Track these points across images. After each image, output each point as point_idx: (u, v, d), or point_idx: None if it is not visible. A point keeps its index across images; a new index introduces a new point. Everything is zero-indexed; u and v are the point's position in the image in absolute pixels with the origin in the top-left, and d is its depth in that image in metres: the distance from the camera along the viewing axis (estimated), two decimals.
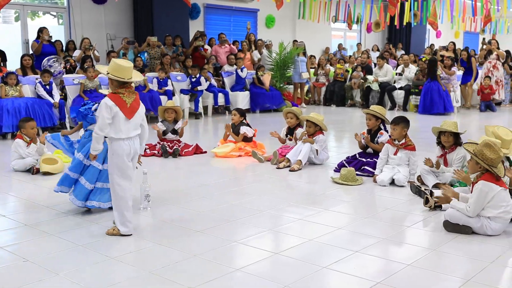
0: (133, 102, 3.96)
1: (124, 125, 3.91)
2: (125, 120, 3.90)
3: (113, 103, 3.87)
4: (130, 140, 3.97)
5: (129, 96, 3.93)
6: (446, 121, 5.52)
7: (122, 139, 3.92)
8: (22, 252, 3.67)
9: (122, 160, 3.94)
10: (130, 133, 3.96)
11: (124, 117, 3.89)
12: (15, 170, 6.24)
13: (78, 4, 12.69)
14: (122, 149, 3.92)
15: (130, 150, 3.96)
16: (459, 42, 23.52)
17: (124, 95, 3.91)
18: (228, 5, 15.74)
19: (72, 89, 10.11)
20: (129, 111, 3.92)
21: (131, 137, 3.97)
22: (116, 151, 3.93)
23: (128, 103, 3.91)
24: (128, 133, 3.94)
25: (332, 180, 5.79)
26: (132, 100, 3.95)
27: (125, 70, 3.92)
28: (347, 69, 15.08)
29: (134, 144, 4.00)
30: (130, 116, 3.92)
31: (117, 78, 3.91)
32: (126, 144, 3.94)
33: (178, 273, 3.33)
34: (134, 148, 4.00)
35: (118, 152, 3.92)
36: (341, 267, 3.42)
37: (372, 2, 16.42)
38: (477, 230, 4.00)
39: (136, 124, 4.01)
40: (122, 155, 3.93)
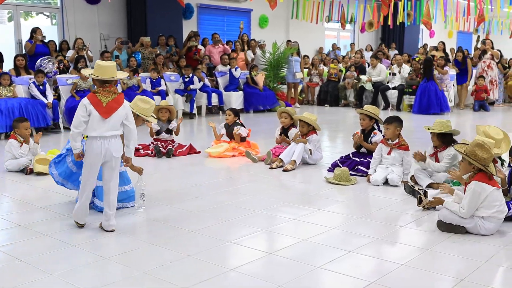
0: (111, 101, 3.97)
1: (98, 124, 3.94)
2: (100, 119, 3.94)
3: (88, 101, 3.94)
4: (104, 140, 3.97)
5: (105, 96, 3.97)
6: (436, 121, 5.52)
7: (95, 138, 3.96)
8: (16, 253, 3.66)
9: (90, 158, 4.00)
10: (104, 132, 3.96)
11: (99, 116, 3.93)
12: (9, 170, 6.22)
13: (72, 4, 12.64)
14: (92, 148, 3.97)
15: (101, 150, 3.97)
16: (453, 42, 23.62)
17: (100, 94, 3.96)
18: (221, 5, 15.74)
19: (66, 89, 10.07)
20: (104, 111, 3.94)
21: (105, 137, 3.97)
22: (87, 148, 4.01)
23: (104, 102, 3.95)
24: (102, 132, 3.96)
25: (326, 180, 5.80)
26: (109, 99, 3.97)
27: (104, 69, 3.98)
28: (340, 69, 15.11)
29: (108, 144, 3.98)
30: (106, 115, 3.94)
31: (95, 76, 3.99)
32: (98, 144, 3.96)
33: (172, 273, 3.33)
34: (107, 148, 3.98)
35: (88, 149, 4.00)
36: (335, 267, 3.43)
37: (366, 2, 16.46)
38: (471, 229, 4.02)
39: (114, 125, 4.00)
40: (90, 153, 3.98)
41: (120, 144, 4.09)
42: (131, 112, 4.17)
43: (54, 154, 6.81)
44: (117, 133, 4.04)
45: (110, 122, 3.97)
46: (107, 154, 3.99)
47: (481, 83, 13.77)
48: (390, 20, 15.26)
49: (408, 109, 13.08)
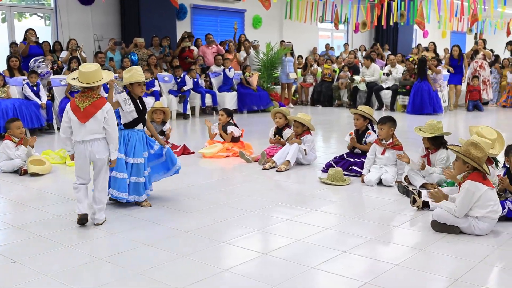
0: (89, 106, 4.09)
1: (78, 129, 4.11)
2: (79, 124, 4.10)
3: (69, 107, 4.14)
4: (87, 143, 4.14)
5: (83, 101, 4.11)
6: (426, 123, 5.50)
7: (78, 142, 4.15)
8: (10, 253, 3.65)
9: (77, 160, 4.21)
10: (85, 136, 4.12)
11: (77, 120, 4.10)
12: (3, 171, 6.20)
13: (65, 5, 12.61)
14: (78, 152, 4.18)
15: (85, 152, 4.15)
16: (446, 42, 23.71)
17: (77, 100, 4.13)
18: (215, 5, 15.74)
19: (60, 90, 10.05)
20: (82, 115, 4.08)
21: (87, 141, 4.13)
22: (75, 151, 4.22)
23: (82, 107, 4.09)
24: (83, 137, 4.13)
25: (319, 180, 5.81)
26: (87, 104, 4.10)
27: (86, 75, 4.10)
28: (334, 69, 15.14)
29: (91, 147, 4.15)
30: (84, 120, 4.09)
31: (79, 83, 4.14)
32: (82, 147, 4.15)
33: (166, 273, 3.33)
34: (90, 151, 4.15)
35: (75, 152, 4.21)
36: (329, 267, 3.44)
37: (359, 2, 16.50)
38: (465, 229, 4.04)
39: (94, 129, 4.13)
40: (78, 157, 4.20)
41: (104, 146, 4.21)
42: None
43: (48, 155, 6.82)
44: (99, 136, 4.17)
45: (88, 126, 4.11)
46: (91, 156, 4.18)
47: (475, 83, 13.83)
48: (383, 20, 15.31)
49: (402, 109, 13.12)
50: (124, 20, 13.51)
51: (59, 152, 6.91)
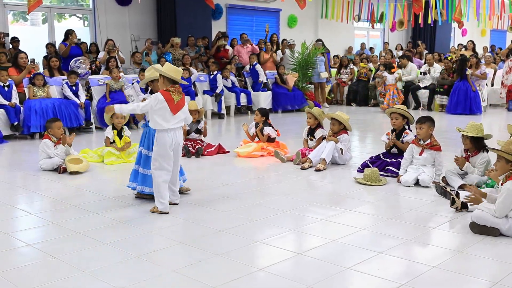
0: (180, 101, 4.57)
1: (169, 118, 4.51)
2: (170, 114, 4.50)
3: (162, 97, 4.48)
4: (174, 132, 4.56)
5: (177, 95, 4.56)
6: (469, 124, 5.43)
7: (166, 131, 4.51)
8: (50, 250, 3.73)
9: (163, 150, 4.55)
10: (174, 125, 4.56)
11: (169, 111, 4.49)
12: (43, 169, 6.35)
13: (103, 6, 12.86)
14: (164, 141, 4.52)
15: (171, 141, 4.54)
16: (486, 40, 23.15)
17: (173, 93, 4.53)
18: (250, 5, 15.77)
19: (98, 89, 10.25)
20: (175, 107, 4.52)
21: (174, 129, 4.57)
22: (159, 140, 4.53)
23: (175, 100, 4.53)
24: (173, 125, 4.55)
25: (355, 180, 5.76)
26: (179, 99, 4.56)
27: (176, 71, 4.58)
28: (370, 69, 14.97)
29: (177, 136, 4.59)
30: (175, 111, 4.53)
31: (170, 76, 4.53)
32: (169, 136, 4.53)
33: (200, 272, 3.36)
34: (177, 140, 4.60)
35: (160, 141, 4.53)
36: (364, 268, 3.40)
37: (396, 1, 16.27)
38: (505, 232, 3.93)
39: (180, 119, 4.62)
40: (163, 147, 4.53)
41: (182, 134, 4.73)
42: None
43: (86, 153, 6.96)
44: (182, 125, 4.69)
45: (177, 118, 4.57)
46: (175, 144, 4.60)
47: None
48: (420, 19, 15.05)
49: (440, 109, 12.89)
50: (160, 20, 13.69)
51: (97, 150, 7.05)
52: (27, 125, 8.85)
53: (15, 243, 3.96)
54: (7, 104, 8.79)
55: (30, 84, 9.32)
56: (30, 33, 12.62)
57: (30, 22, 13.20)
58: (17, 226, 4.43)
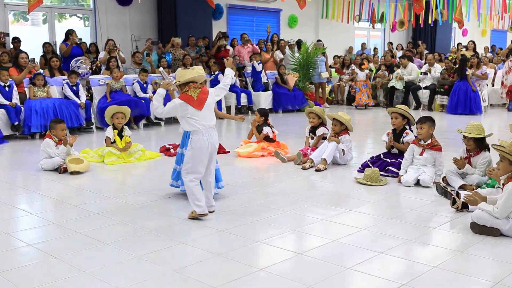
0: (200, 93, 4.37)
1: (199, 116, 4.34)
2: (197, 112, 4.32)
3: (182, 101, 4.32)
4: (208, 134, 4.36)
5: (193, 91, 4.36)
6: (470, 124, 5.42)
7: (200, 133, 4.33)
8: (50, 250, 3.73)
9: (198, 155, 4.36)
10: (207, 122, 4.37)
11: (195, 109, 4.32)
12: (43, 169, 6.36)
13: (104, 6, 12.87)
14: (199, 145, 4.32)
15: (207, 145, 4.34)
16: (486, 40, 23.13)
17: (189, 91, 4.36)
18: (250, 5, 15.78)
19: (98, 89, 10.25)
20: (197, 103, 4.33)
21: (209, 130, 4.38)
22: (195, 147, 4.34)
23: (195, 96, 4.34)
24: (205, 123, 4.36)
25: (356, 180, 5.76)
26: (197, 93, 4.36)
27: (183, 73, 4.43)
28: (371, 69, 14.97)
29: (212, 138, 4.37)
30: (200, 107, 4.34)
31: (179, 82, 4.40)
32: (204, 140, 4.33)
33: (201, 272, 3.36)
34: (211, 141, 4.37)
35: (196, 148, 4.34)
36: (365, 268, 3.40)
37: (397, 1, 16.27)
38: (506, 232, 3.93)
39: (210, 115, 4.43)
40: (199, 151, 4.34)
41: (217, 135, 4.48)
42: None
43: (86, 153, 6.96)
44: (214, 123, 4.46)
45: (205, 113, 4.37)
46: (211, 147, 4.40)
47: None
48: (421, 19, 15.04)
49: (440, 109, 12.89)
50: (160, 20, 13.69)
51: (97, 150, 7.05)
52: (27, 125, 8.85)
53: (16, 243, 3.96)
54: (8, 104, 8.79)
55: (31, 84, 9.32)
56: (30, 33, 12.63)
57: (31, 22, 13.22)
58: (18, 226, 4.43)
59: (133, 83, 10.49)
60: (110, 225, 4.30)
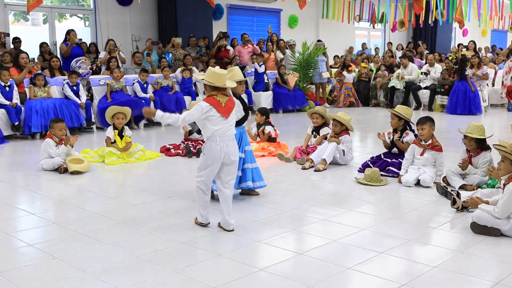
0: (227, 102, 4.11)
1: (222, 123, 4.06)
2: (221, 119, 4.05)
3: (208, 104, 4.04)
4: (224, 143, 4.05)
5: (222, 97, 4.09)
6: (472, 125, 5.42)
7: (215, 141, 4.03)
8: (51, 250, 3.73)
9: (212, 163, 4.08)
10: (226, 131, 4.08)
11: (220, 116, 4.04)
12: (44, 169, 6.35)
13: (104, 6, 12.88)
14: (213, 153, 4.04)
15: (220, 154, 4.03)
16: (487, 40, 23.13)
17: (217, 96, 4.08)
18: (251, 5, 15.78)
19: (98, 89, 10.25)
20: (224, 110, 4.06)
21: (225, 139, 4.07)
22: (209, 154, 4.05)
23: (223, 103, 4.07)
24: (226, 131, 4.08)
25: (356, 180, 5.76)
26: (225, 100, 4.10)
27: (217, 76, 4.09)
28: (371, 69, 14.98)
29: (227, 147, 4.06)
30: (227, 115, 4.07)
31: (208, 83, 4.09)
32: (218, 148, 4.03)
33: (202, 272, 3.36)
34: (226, 151, 4.05)
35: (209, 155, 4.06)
36: (365, 268, 3.40)
37: (397, 1, 16.26)
38: (506, 232, 3.93)
39: (232, 124, 4.16)
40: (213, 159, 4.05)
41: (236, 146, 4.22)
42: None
43: (87, 153, 6.96)
44: (234, 133, 4.18)
45: (230, 121, 4.12)
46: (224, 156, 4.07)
47: None
48: (421, 19, 15.04)
49: (441, 109, 12.89)
50: (161, 20, 13.70)
51: (97, 150, 7.05)
52: (28, 125, 8.86)
53: (16, 243, 3.96)
54: (8, 104, 8.80)
55: (31, 84, 9.32)
56: (31, 33, 12.63)
57: (31, 22, 13.22)
58: (18, 226, 4.43)
59: (133, 83, 10.49)
60: (110, 225, 4.30)
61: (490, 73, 13.78)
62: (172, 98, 10.68)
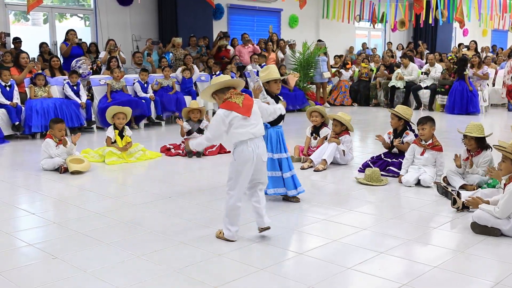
0: (244, 100, 3.85)
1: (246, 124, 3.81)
2: (244, 120, 3.80)
3: (226, 110, 3.80)
4: (254, 145, 3.82)
5: (236, 97, 3.85)
6: (470, 124, 5.43)
7: (246, 144, 3.80)
8: (51, 250, 3.73)
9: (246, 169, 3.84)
10: (254, 132, 3.83)
11: (242, 117, 3.79)
12: (44, 169, 6.35)
13: (104, 6, 12.87)
14: (244, 158, 3.80)
15: (253, 156, 3.80)
16: (487, 40, 23.11)
17: (231, 98, 3.84)
18: (251, 5, 15.77)
19: (99, 89, 10.25)
20: (244, 110, 3.81)
21: (255, 139, 3.83)
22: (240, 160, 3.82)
23: (239, 103, 3.83)
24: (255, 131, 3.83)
25: (356, 180, 5.75)
26: (241, 99, 3.85)
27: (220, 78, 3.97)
28: (371, 69, 14.98)
29: (258, 149, 3.83)
30: (248, 113, 3.81)
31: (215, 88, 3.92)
32: (250, 150, 3.81)
33: (202, 272, 3.36)
34: (258, 152, 3.83)
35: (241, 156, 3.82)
36: (365, 268, 3.40)
37: (397, 1, 16.26)
38: (506, 232, 3.93)
39: (258, 123, 3.87)
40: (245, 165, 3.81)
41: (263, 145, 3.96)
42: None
43: (87, 153, 6.97)
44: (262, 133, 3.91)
45: (253, 121, 3.85)
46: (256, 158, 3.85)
47: None
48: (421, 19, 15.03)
49: (441, 109, 12.89)
50: (161, 20, 13.69)
51: (98, 150, 7.05)
52: (28, 125, 8.86)
53: (16, 243, 3.96)
54: (9, 104, 8.80)
55: (32, 84, 9.33)
56: (31, 33, 12.62)
57: (31, 22, 13.22)
58: (18, 226, 4.43)
59: (133, 83, 10.50)
60: (110, 225, 4.30)
61: (491, 73, 13.77)
62: (173, 98, 10.69)
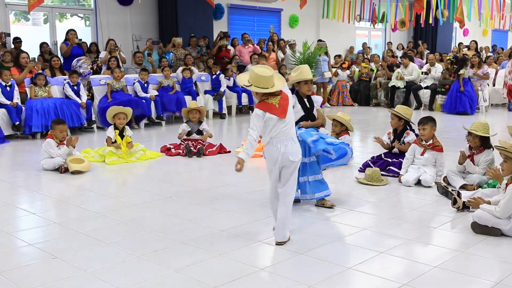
0: (280, 101, 3.81)
1: (279, 125, 3.79)
2: (279, 121, 3.77)
3: (262, 111, 3.78)
4: (281, 143, 3.81)
5: (273, 98, 3.80)
6: (476, 122, 5.43)
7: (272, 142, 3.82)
8: (51, 250, 3.74)
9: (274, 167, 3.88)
10: (288, 131, 3.82)
11: (277, 118, 3.77)
12: (44, 169, 6.35)
13: (105, 6, 12.87)
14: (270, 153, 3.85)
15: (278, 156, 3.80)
16: (487, 40, 23.10)
17: (268, 99, 3.80)
18: (251, 5, 15.77)
19: (99, 89, 10.24)
20: (280, 111, 3.77)
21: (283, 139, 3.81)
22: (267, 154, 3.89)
23: (276, 104, 3.78)
24: (287, 131, 3.82)
25: (356, 180, 5.75)
26: (277, 100, 3.80)
27: (265, 79, 3.77)
28: (371, 69, 14.97)
29: (285, 148, 3.79)
30: (283, 114, 3.78)
31: (258, 89, 3.79)
32: (275, 149, 3.81)
33: (202, 272, 3.35)
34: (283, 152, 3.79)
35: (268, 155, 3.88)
36: (366, 268, 3.40)
37: (397, 1, 16.25)
38: (507, 232, 3.93)
39: (290, 124, 3.84)
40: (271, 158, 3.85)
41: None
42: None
43: (87, 153, 6.97)
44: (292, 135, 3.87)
45: (288, 121, 3.83)
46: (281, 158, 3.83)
47: None
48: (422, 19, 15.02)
49: (441, 109, 12.88)
50: (161, 20, 13.69)
51: (98, 150, 7.05)
52: (28, 125, 8.85)
53: (17, 242, 3.96)
54: (9, 104, 8.80)
55: (32, 84, 9.32)
56: (31, 33, 12.62)
57: (32, 22, 13.21)
58: (19, 225, 4.43)
59: (134, 83, 10.49)
60: (110, 225, 4.30)
61: (491, 72, 13.77)
62: (173, 98, 10.68)
